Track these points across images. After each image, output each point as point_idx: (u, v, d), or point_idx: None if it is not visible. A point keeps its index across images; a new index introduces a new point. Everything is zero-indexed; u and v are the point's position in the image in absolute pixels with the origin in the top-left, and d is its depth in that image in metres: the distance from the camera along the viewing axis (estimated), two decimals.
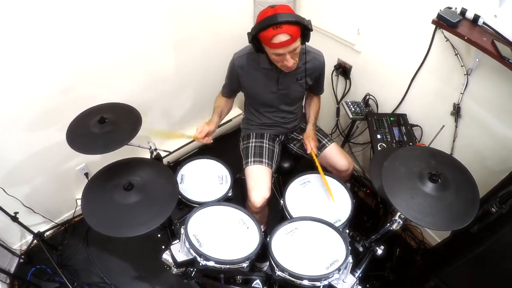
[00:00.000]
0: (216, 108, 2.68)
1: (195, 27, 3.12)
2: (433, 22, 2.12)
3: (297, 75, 2.44)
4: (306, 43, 2.20)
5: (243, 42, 2.36)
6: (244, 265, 1.92)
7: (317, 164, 2.49)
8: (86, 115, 2.23)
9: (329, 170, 2.73)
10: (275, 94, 2.52)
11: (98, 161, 3.03)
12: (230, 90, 2.66)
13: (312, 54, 2.42)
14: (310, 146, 2.58)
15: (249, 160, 2.62)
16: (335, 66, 3.24)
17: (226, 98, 2.71)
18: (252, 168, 2.58)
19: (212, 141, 2.51)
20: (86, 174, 3.26)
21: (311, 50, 2.40)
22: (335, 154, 2.69)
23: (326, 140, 2.74)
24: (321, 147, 2.72)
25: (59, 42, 2.40)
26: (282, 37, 1.99)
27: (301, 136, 2.81)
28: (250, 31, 2.12)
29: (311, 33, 2.12)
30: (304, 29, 2.07)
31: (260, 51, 2.19)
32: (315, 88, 2.69)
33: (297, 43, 2.07)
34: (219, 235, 2.04)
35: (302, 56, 2.32)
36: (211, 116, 2.63)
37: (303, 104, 2.88)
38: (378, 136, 2.63)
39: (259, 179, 2.51)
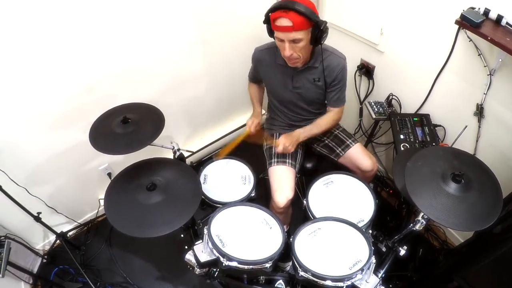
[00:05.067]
0: (253, 98, 2.75)
1: (217, 27, 3.12)
2: (456, 22, 2.11)
3: (313, 75, 2.44)
4: (324, 45, 2.24)
5: (265, 40, 2.38)
6: (267, 265, 1.92)
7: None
8: (109, 115, 2.25)
9: (353, 171, 2.72)
10: (291, 92, 2.53)
11: (121, 161, 3.05)
12: (256, 77, 2.71)
13: (333, 55, 2.39)
14: (278, 142, 2.45)
15: (273, 160, 2.62)
16: (358, 66, 3.23)
17: (256, 85, 2.75)
18: (275, 169, 2.58)
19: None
20: (109, 174, 3.28)
21: (333, 52, 2.39)
22: (359, 154, 2.67)
23: (350, 140, 2.73)
24: (345, 148, 2.71)
25: (82, 42, 2.42)
26: (284, 22, 2.04)
27: (325, 137, 2.81)
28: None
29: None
30: (315, 28, 2.10)
31: (272, 36, 2.23)
32: (331, 96, 2.54)
33: (299, 35, 2.08)
34: (242, 235, 2.04)
35: (319, 57, 2.34)
36: (254, 108, 2.68)
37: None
38: (401, 136, 2.62)
39: (282, 180, 2.51)
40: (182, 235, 2.33)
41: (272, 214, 2.15)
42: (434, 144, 2.56)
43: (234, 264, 1.88)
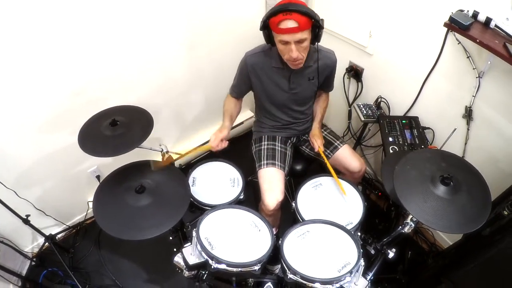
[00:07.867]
0: (225, 111, 2.66)
1: (207, 30, 3.12)
2: (445, 25, 2.11)
3: (309, 74, 2.45)
4: (318, 43, 2.23)
5: (255, 43, 2.37)
6: (256, 268, 1.91)
7: (326, 161, 2.51)
8: (98, 118, 2.24)
9: (342, 172, 2.74)
10: (286, 94, 2.52)
11: (109, 164, 3.03)
12: (239, 90, 2.65)
13: (324, 52, 2.43)
14: (317, 144, 2.60)
15: (262, 162, 2.61)
16: (346, 69, 3.24)
17: (235, 99, 2.70)
18: (265, 171, 2.57)
19: (228, 143, 2.49)
20: (98, 177, 3.27)
21: (322, 49, 2.41)
22: (347, 155, 2.68)
23: (338, 142, 2.73)
24: (333, 149, 2.71)
25: (71, 45, 2.41)
26: (290, 23, 2.01)
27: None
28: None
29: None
30: (315, 27, 2.10)
31: (270, 42, 2.22)
32: (325, 85, 2.68)
33: (305, 35, 2.08)
34: (231, 238, 2.03)
35: (314, 54, 2.36)
36: (223, 121, 2.62)
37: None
38: (390, 139, 2.63)
39: (272, 182, 2.50)
40: (171, 238, 2.33)
41: (261, 216, 2.14)
42: (423, 146, 2.57)
43: (223, 266, 1.87)
